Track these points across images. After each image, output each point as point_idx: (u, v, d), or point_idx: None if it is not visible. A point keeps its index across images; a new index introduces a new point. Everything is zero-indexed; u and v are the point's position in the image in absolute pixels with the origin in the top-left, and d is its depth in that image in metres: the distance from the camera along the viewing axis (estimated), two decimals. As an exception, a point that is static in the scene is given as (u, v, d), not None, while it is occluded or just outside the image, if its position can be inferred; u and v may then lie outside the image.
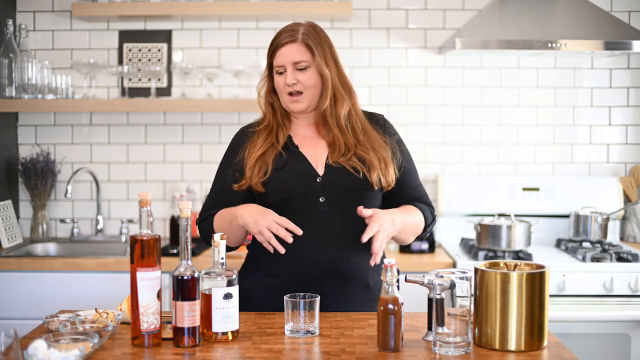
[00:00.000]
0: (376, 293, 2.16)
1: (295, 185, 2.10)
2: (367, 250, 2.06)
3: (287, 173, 2.11)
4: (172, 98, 3.61)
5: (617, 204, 3.50)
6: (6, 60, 3.37)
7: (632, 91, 3.64)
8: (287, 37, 2.11)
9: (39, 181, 3.52)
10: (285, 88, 2.12)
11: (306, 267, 2.09)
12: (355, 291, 2.13)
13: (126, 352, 1.74)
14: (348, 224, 2.10)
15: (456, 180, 3.56)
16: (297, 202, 2.10)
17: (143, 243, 1.76)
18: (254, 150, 2.14)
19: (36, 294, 3.07)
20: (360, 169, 2.10)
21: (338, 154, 2.12)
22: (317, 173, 2.12)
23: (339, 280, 2.09)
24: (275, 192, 2.10)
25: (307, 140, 2.19)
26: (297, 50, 2.10)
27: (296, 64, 2.11)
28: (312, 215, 2.09)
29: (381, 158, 2.13)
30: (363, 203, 2.09)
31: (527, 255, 3.14)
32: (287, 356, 1.73)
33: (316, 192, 2.10)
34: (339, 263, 2.10)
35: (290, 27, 2.14)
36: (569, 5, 3.35)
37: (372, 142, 2.15)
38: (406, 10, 3.61)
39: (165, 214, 3.64)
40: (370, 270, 2.15)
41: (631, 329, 2.98)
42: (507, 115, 3.64)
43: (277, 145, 2.14)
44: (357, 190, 2.11)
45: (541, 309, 1.74)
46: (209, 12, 3.39)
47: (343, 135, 2.14)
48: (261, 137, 2.16)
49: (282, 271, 2.12)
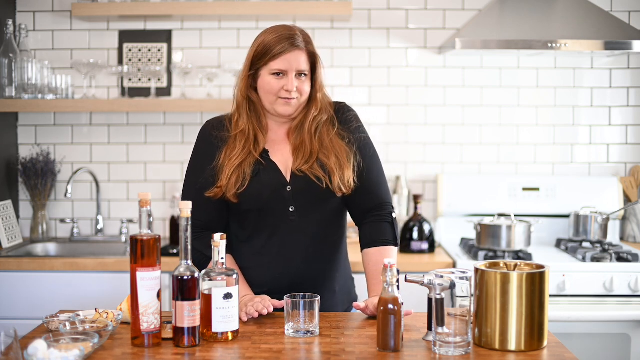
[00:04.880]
0: (341, 296, 2.24)
1: (267, 196, 2.11)
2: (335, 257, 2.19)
3: (259, 183, 2.11)
4: (172, 98, 3.61)
5: (617, 204, 3.50)
6: (6, 60, 3.37)
7: (632, 91, 3.64)
8: (291, 42, 2.08)
9: (39, 181, 3.52)
10: (281, 92, 2.10)
11: (276, 275, 2.14)
12: (322, 297, 2.15)
13: (126, 352, 1.74)
14: (316, 232, 2.15)
15: (456, 180, 3.56)
16: (267, 211, 2.12)
17: (143, 243, 1.76)
18: (231, 158, 2.11)
19: (36, 294, 3.07)
20: (323, 177, 2.10)
21: (302, 160, 2.12)
22: (287, 181, 2.12)
23: (309, 289, 2.10)
24: (247, 202, 2.11)
25: (275, 144, 2.18)
26: (302, 58, 2.09)
27: (299, 72, 2.09)
28: (282, 225, 2.13)
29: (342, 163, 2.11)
30: (330, 210, 2.16)
31: (527, 255, 3.14)
32: (287, 356, 1.73)
33: (286, 202, 2.12)
34: (309, 271, 2.15)
35: (288, 33, 2.10)
36: (569, 5, 3.35)
37: (334, 145, 2.14)
38: (406, 10, 3.61)
39: (165, 214, 3.64)
40: (337, 276, 2.21)
41: (631, 329, 2.98)
42: (507, 115, 3.64)
43: (254, 153, 2.12)
44: (323, 199, 2.13)
45: (541, 309, 1.74)
46: (209, 12, 3.38)
47: (310, 141, 2.13)
48: (239, 144, 2.13)
49: (254, 280, 2.16)
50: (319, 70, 2.14)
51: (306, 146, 2.13)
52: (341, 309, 2.22)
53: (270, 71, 2.09)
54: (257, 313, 1.98)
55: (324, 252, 2.18)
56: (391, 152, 3.63)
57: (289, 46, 2.07)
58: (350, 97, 3.59)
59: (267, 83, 2.10)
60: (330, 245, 2.20)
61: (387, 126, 3.61)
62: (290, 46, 2.07)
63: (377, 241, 2.17)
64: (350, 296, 2.29)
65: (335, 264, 2.21)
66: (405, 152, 3.63)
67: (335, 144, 2.15)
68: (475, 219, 3.34)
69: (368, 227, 2.20)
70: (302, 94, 2.11)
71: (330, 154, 2.12)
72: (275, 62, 2.08)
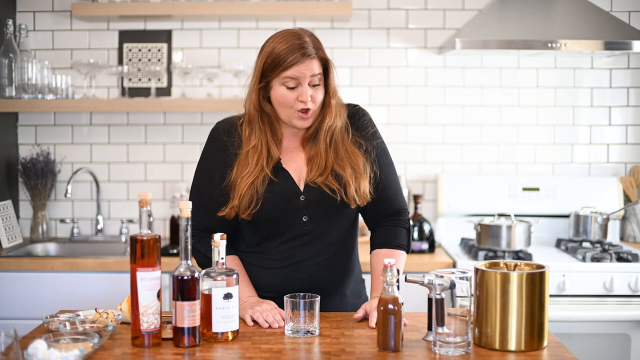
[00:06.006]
0: (352, 299, 2.22)
1: (280, 206, 2.09)
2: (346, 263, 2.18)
3: (273, 194, 2.07)
4: (172, 98, 3.61)
5: (617, 204, 3.50)
6: (6, 60, 3.37)
7: (632, 91, 3.64)
8: (303, 53, 2.01)
9: (39, 181, 3.52)
10: (297, 104, 2.04)
11: (286, 281, 2.12)
12: (332, 301, 2.15)
13: (126, 352, 1.74)
14: (329, 240, 2.13)
15: (456, 180, 3.56)
16: (281, 221, 2.10)
17: (143, 243, 1.76)
18: (244, 177, 2.06)
19: (36, 294, 3.07)
20: (337, 189, 2.07)
21: (316, 172, 2.08)
22: (300, 191, 2.09)
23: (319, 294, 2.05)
24: (260, 213, 2.08)
25: (289, 152, 2.15)
26: (315, 66, 2.03)
27: (312, 79, 2.03)
28: (294, 233, 2.11)
29: (358, 174, 2.08)
30: (344, 219, 2.14)
31: (527, 255, 3.14)
32: (287, 356, 1.73)
33: (299, 211, 2.10)
34: (321, 278, 2.13)
35: (298, 42, 2.02)
36: (568, 5, 3.35)
37: (350, 155, 2.11)
38: (406, 10, 3.61)
39: (165, 214, 3.64)
40: (347, 281, 2.19)
41: (631, 329, 2.98)
42: (507, 115, 3.64)
43: (266, 169, 2.07)
44: (337, 210, 2.11)
45: (541, 309, 1.74)
46: (209, 12, 3.38)
47: (326, 153, 2.10)
48: (251, 161, 2.08)
49: (265, 287, 2.14)
50: (332, 76, 2.09)
51: (321, 158, 2.09)
52: (351, 310, 2.19)
53: (283, 83, 2.03)
54: (266, 323, 1.96)
55: (336, 259, 2.15)
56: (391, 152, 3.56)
57: (300, 57, 2.00)
58: (351, 97, 3.58)
59: (281, 96, 2.04)
60: (343, 252, 2.17)
61: (387, 126, 3.61)
62: (302, 57, 2.00)
63: (391, 243, 2.14)
64: (361, 298, 2.26)
65: (346, 270, 2.19)
66: (405, 152, 3.63)
67: (351, 153, 2.10)
68: (475, 219, 3.34)
69: (383, 229, 2.17)
70: (316, 102, 2.06)
71: (346, 164, 2.08)
72: (287, 73, 2.01)
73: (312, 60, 2.02)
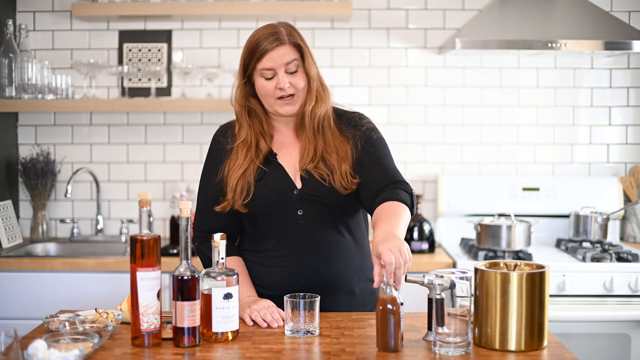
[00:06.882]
0: (363, 298, 2.18)
1: (274, 199, 2.10)
2: (351, 259, 2.13)
3: (266, 187, 2.10)
4: (172, 98, 3.61)
5: (617, 204, 3.50)
6: (6, 60, 3.37)
7: (632, 91, 3.64)
8: (274, 40, 2.05)
9: (39, 181, 3.52)
10: (276, 92, 2.07)
11: (287, 278, 2.11)
12: (340, 299, 2.13)
13: (126, 352, 1.74)
14: (327, 236, 2.12)
15: (456, 180, 3.56)
16: (276, 214, 2.11)
17: (143, 243, 1.76)
18: (235, 169, 2.10)
19: (36, 294, 3.07)
20: (327, 176, 2.08)
21: (307, 160, 2.10)
22: (295, 185, 2.10)
23: (323, 290, 2.07)
24: (255, 206, 2.10)
25: (284, 146, 2.17)
26: (287, 52, 2.06)
27: (288, 67, 2.06)
28: (291, 228, 2.11)
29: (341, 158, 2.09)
30: (340, 213, 2.13)
31: (527, 255, 3.14)
32: (287, 356, 1.73)
33: (293, 205, 2.10)
34: (322, 273, 2.11)
35: (270, 31, 2.07)
36: (568, 5, 3.35)
37: (335, 140, 2.12)
38: (406, 10, 3.61)
39: (165, 214, 3.64)
40: (356, 278, 2.16)
41: (631, 329, 2.98)
42: (507, 115, 3.64)
43: (256, 160, 2.10)
44: (331, 201, 2.10)
45: (541, 309, 1.74)
46: (209, 12, 3.39)
47: (314, 138, 2.12)
48: (240, 154, 2.12)
49: (266, 284, 2.14)
50: (308, 60, 2.09)
51: (310, 144, 2.11)
52: (361, 310, 2.16)
53: (260, 73, 2.07)
54: (265, 323, 1.96)
55: (339, 256, 2.13)
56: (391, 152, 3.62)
57: (270, 44, 2.04)
58: (350, 97, 3.59)
59: (261, 87, 2.09)
60: (347, 249, 2.15)
61: (387, 126, 3.61)
62: (272, 43, 2.04)
63: (392, 198, 1.99)
64: (373, 298, 2.20)
65: (351, 267, 2.14)
66: (405, 152, 3.63)
67: (335, 138, 2.13)
68: (475, 219, 3.34)
69: (382, 195, 2.02)
70: (299, 88, 2.08)
71: (332, 151, 2.11)
72: (262, 63, 2.06)
73: (283, 46, 2.05)
